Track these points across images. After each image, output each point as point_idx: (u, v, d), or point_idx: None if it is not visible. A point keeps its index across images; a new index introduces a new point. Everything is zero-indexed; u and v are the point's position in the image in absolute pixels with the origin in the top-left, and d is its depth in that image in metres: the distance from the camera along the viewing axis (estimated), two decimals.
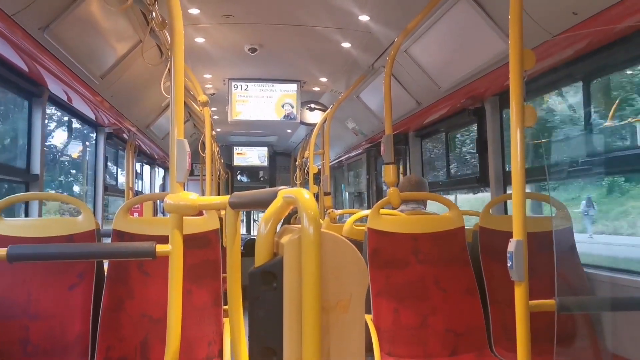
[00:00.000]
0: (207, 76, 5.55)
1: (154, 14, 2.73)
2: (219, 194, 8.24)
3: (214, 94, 6.13)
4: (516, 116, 1.67)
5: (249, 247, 7.26)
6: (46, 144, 3.71)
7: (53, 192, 7.52)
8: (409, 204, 3.47)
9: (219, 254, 2.64)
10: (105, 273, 2.54)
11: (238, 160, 11.14)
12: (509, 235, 1.67)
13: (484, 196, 5.15)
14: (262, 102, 5.75)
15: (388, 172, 3.18)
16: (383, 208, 3.07)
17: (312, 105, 6.21)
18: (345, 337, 0.94)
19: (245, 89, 5.71)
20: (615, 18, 2.33)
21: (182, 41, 1.89)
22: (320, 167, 6.05)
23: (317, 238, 0.89)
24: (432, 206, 3.77)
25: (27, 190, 3.53)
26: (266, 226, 1.01)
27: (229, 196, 1.34)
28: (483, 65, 3.30)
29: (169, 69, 2.03)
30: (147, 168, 8.31)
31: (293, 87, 5.76)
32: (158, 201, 7.14)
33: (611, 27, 2.45)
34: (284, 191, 1.01)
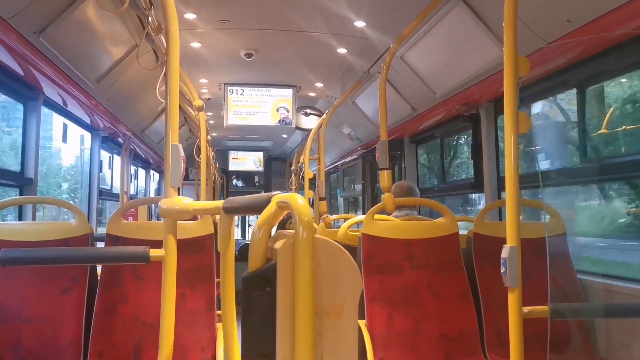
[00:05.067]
0: (203, 81, 5.55)
1: (149, 18, 2.73)
2: (214, 199, 8.23)
3: (209, 98, 6.13)
4: (510, 123, 1.68)
5: (243, 252, 7.24)
6: None
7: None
8: (402, 210, 3.48)
9: (212, 259, 2.63)
10: (99, 277, 2.53)
11: (233, 165, 11.12)
12: (503, 241, 1.67)
13: None
14: (257, 107, 5.75)
15: (383, 178, 3.19)
16: (377, 214, 3.07)
17: (308, 111, 6.22)
18: (339, 343, 0.95)
19: (241, 94, 5.71)
20: (609, 26, 2.35)
21: (178, 46, 1.90)
22: (315, 172, 6.06)
23: (310, 243, 0.89)
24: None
25: (21, 194, 3.52)
26: (260, 231, 1.01)
27: (222, 201, 1.34)
28: (478, 71, 3.32)
29: (164, 74, 2.03)
30: (142, 172, 8.30)
31: (289, 92, 5.76)
32: (153, 205, 7.12)
33: (605, 35, 2.47)
34: (278, 196, 1.01)
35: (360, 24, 3.70)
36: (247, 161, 11.16)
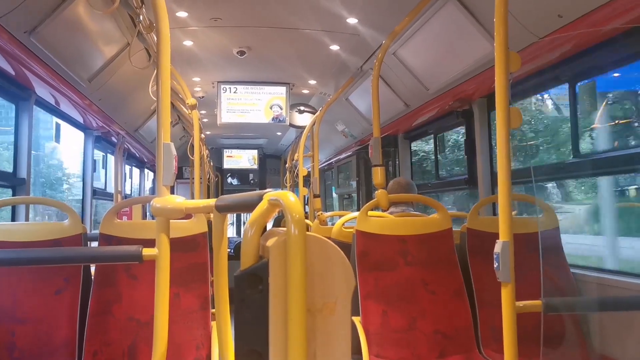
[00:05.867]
0: (196, 79, 5.54)
1: (141, 17, 2.72)
2: (208, 197, 8.21)
3: (203, 96, 6.12)
4: (502, 118, 1.68)
5: (238, 250, 7.24)
6: None
7: None
8: (399, 206, 3.48)
9: (206, 257, 2.63)
10: (92, 277, 2.53)
11: (228, 163, 11.11)
12: (497, 236, 1.67)
13: None
14: (251, 104, 5.74)
15: (376, 175, 3.19)
16: (373, 210, 3.07)
17: (302, 108, 6.21)
18: (332, 340, 0.95)
19: (234, 92, 5.70)
20: (600, 20, 2.35)
21: (169, 44, 1.89)
22: (310, 169, 6.06)
23: (302, 240, 0.89)
24: None
25: (14, 195, 3.50)
26: (252, 229, 1.01)
27: (215, 199, 1.33)
28: (470, 67, 3.32)
29: (157, 72, 2.03)
30: (136, 171, 8.27)
31: (282, 90, 5.75)
32: (147, 204, 7.09)
33: (596, 30, 2.48)
34: (269, 194, 1.01)
35: (352, 20, 3.70)
36: (242, 159, 11.14)
